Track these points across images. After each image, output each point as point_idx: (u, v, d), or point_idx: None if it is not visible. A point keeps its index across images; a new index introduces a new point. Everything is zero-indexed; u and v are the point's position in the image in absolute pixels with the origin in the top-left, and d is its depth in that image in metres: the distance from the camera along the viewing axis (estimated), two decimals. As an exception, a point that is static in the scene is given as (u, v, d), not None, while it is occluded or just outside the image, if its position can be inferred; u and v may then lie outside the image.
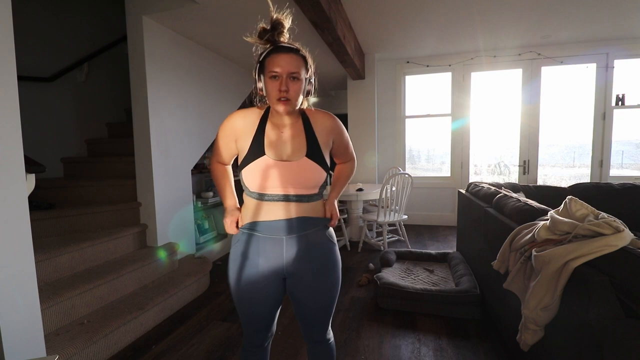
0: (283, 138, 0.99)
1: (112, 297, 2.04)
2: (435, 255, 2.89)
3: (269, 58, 0.93)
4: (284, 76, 0.91)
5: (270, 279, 1.02)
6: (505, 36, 3.73)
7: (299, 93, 0.94)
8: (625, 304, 0.99)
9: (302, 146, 0.98)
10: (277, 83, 0.91)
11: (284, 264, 1.01)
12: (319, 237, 1.04)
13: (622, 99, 4.03)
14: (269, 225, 0.98)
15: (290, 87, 0.91)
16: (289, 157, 0.97)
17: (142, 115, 2.52)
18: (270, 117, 1.01)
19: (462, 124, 4.51)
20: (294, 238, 0.99)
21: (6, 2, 1.19)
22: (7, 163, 1.19)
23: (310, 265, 1.02)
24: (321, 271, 1.04)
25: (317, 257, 1.03)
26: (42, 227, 2.13)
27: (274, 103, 0.94)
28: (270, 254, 1.00)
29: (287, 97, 0.92)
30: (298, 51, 0.94)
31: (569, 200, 1.29)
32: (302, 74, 0.93)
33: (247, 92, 3.99)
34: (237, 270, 1.05)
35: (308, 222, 1.01)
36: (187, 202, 2.95)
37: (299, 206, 0.99)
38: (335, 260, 1.07)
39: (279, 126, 1.00)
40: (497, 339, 1.84)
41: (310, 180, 0.97)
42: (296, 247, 1.00)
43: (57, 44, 3.03)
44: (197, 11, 2.37)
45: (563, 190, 2.88)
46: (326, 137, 1.03)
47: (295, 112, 1.00)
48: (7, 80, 1.20)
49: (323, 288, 1.05)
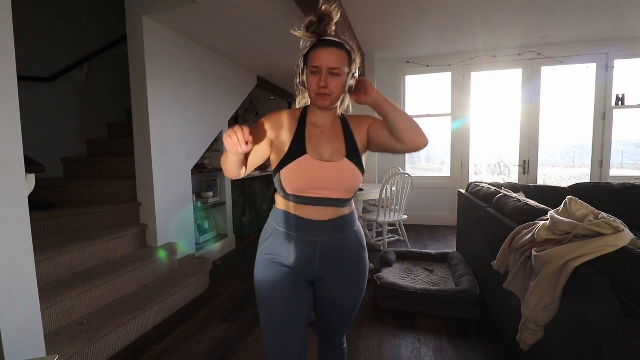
0: (323, 139, 0.96)
1: (112, 297, 2.04)
2: (435, 255, 2.89)
3: (312, 52, 0.90)
4: (324, 71, 0.88)
5: (300, 283, 0.98)
6: (505, 36, 3.73)
7: (339, 89, 0.91)
8: (625, 304, 0.99)
9: (342, 147, 0.96)
10: (316, 78, 0.89)
11: (315, 267, 0.97)
12: (351, 241, 1.01)
13: (622, 99, 4.03)
14: (305, 226, 0.94)
15: (330, 83, 0.89)
16: (330, 157, 0.94)
17: (142, 115, 2.52)
18: (309, 116, 0.99)
19: (462, 124, 4.50)
20: (328, 241, 0.96)
21: (6, 2, 1.19)
22: (7, 163, 1.19)
23: (342, 269, 0.99)
24: (351, 276, 1.01)
25: (349, 262, 1.00)
26: (42, 227, 2.13)
27: (313, 98, 0.92)
28: (303, 256, 0.95)
29: (325, 92, 0.89)
30: (342, 45, 0.90)
31: (569, 200, 1.29)
32: (343, 69, 0.90)
33: (247, 92, 3.99)
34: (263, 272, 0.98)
35: (343, 226, 0.98)
36: (187, 202, 2.95)
37: (335, 210, 0.96)
38: (365, 265, 1.05)
39: (318, 126, 0.98)
40: (497, 339, 1.84)
41: (349, 183, 0.94)
42: (330, 250, 0.97)
43: (57, 44, 3.03)
44: (197, 11, 2.36)
45: (563, 190, 2.88)
46: (362, 135, 0.99)
47: (334, 111, 0.99)
48: (7, 80, 1.20)
49: (351, 294, 1.02)
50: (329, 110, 0.97)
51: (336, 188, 0.93)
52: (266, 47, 3.15)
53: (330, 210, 0.95)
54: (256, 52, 3.33)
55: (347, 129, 0.99)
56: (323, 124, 0.98)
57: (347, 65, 0.90)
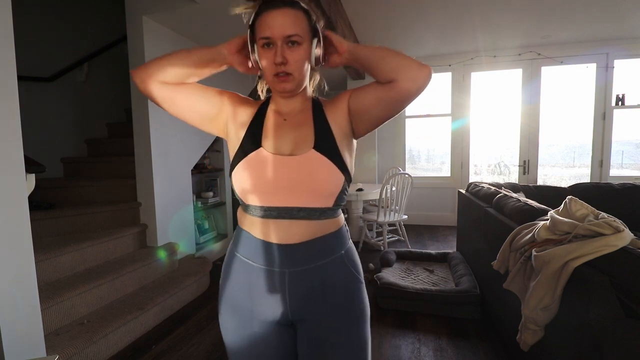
0: (287, 127, 0.74)
1: (112, 297, 2.04)
2: (435, 255, 2.89)
3: (258, 20, 0.68)
4: (279, 42, 0.66)
5: (270, 330, 0.75)
6: (505, 36, 3.73)
7: (302, 63, 0.69)
8: (625, 304, 0.99)
9: (309, 135, 0.72)
10: (270, 53, 0.67)
11: (288, 308, 0.73)
12: (337, 271, 0.74)
13: (622, 99, 4.03)
14: (263, 250, 0.71)
15: (289, 56, 0.67)
16: (292, 150, 0.71)
17: (142, 115, 2.52)
18: (271, 104, 0.79)
19: (462, 124, 4.50)
20: (300, 272, 0.71)
21: (6, 2, 1.19)
22: (7, 163, 1.19)
23: (325, 313, 0.73)
24: (343, 321, 0.74)
25: (336, 301, 0.74)
26: (42, 227, 2.13)
27: (270, 82, 0.71)
28: (267, 294, 0.72)
29: (285, 70, 0.67)
30: (296, 3, 0.68)
31: (569, 200, 1.29)
32: (304, 35, 0.68)
33: (246, 92, 3.99)
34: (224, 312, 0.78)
35: (323, 249, 0.72)
36: (187, 202, 2.95)
37: (306, 225, 0.70)
38: (362, 305, 0.77)
39: (281, 113, 0.77)
40: (497, 339, 1.84)
41: (320, 183, 0.69)
42: (304, 285, 0.72)
43: (57, 44, 3.03)
44: (197, 11, 2.36)
45: (563, 190, 2.88)
46: (340, 116, 0.74)
47: (302, 94, 0.77)
48: (7, 80, 1.20)
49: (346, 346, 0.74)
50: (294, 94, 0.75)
51: (304, 191, 0.69)
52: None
53: (300, 226, 0.70)
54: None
55: (319, 112, 0.75)
56: (287, 110, 0.76)
57: (308, 30, 0.69)
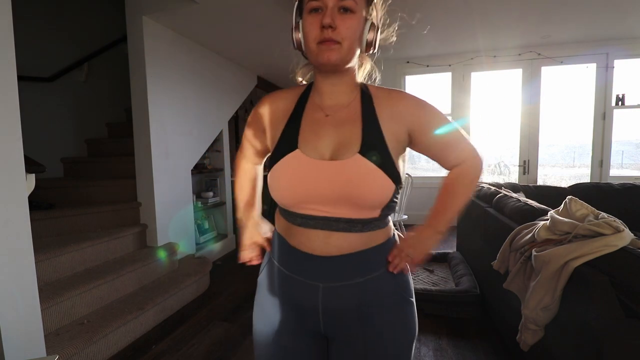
0: (329, 125, 0.64)
1: (112, 297, 2.04)
2: (435, 255, 2.89)
3: None
4: (330, 4, 0.58)
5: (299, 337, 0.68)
6: (505, 36, 3.73)
7: (353, 34, 0.59)
8: (625, 304, 0.99)
9: (355, 137, 0.62)
10: (318, 17, 0.58)
11: (320, 324, 0.66)
12: (382, 289, 0.65)
13: (622, 99, 4.02)
14: (298, 259, 0.65)
15: (340, 22, 0.58)
16: (334, 154, 0.62)
17: (142, 115, 2.52)
18: (312, 94, 0.68)
19: (462, 124, 4.49)
20: (336, 288, 0.63)
21: (6, 2, 1.19)
22: (7, 163, 1.19)
23: (366, 331, 0.64)
24: (385, 347, 0.64)
25: (380, 323, 0.64)
26: (42, 227, 2.13)
27: (313, 51, 0.60)
28: (299, 304, 0.66)
29: (332, 36, 0.57)
30: None
31: (569, 200, 1.29)
32: (360, 6, 0.60)
33: (247, 92, 3.99)
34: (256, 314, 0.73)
35: (363, 264, 0.64)
36: (187, 202, 2.95)
37: (346, 238, 0.62)
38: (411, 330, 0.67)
39: (323, 107, 0.66)
40: (497, 339, 1.84)
41: (365, 193, 0.60)
42: (342, 302, 0.63)
43: (57, 44, 3.03)
44: (197, 11, 2.36)
45: (563, 190, 2.88)
46: (397, 126, 0.64)
47: (349, 79, 0.66)
48: (7, 80, 1.20)
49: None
50: (339, 75, 0.65)
51: (345, 202, 0.60)
52: (266, 47, 3.15)
53: (339, 239, 0.62)
54: (256, 52, 3.33)
55: (369, 109, 0.64)
56: (330, 103, 0.66)
57: (364, 3, 0.61)
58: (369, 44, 0.64)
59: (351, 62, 0.64)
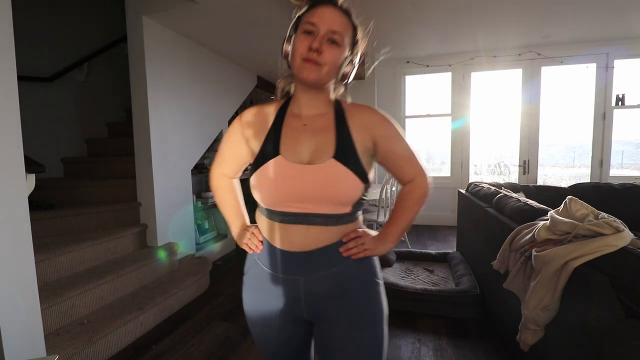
0: (306, 133, 0.74)
1: (112, 297, 2.04)
2: (435, 255, 2.89)
3: (309, 11, 0.70)
4: (322, 32, 0.67)
5: (287, 327, 0.79)
6: (505, 36, 3.73)
7: (334, 63, 0.69)
8: (626, 304, 0.99)
9: (330, 144, 0.72)
10: (309, 39, 0.67)
11: (304, 311, 0.76)
12: (354, 274, 0.75)
13: (622, 99, 4.03)
14: (280, 259, 0.74)
15: (325, 50, 0.67)
16: (312, 158, 0.71)
17: (142, 115, 2.52)
18: (291, 105, 0.77)
19: (462, 124, 4.50)
20: (316, 279, 0.73)
21: (6, 2, 1.19)
22: (7, 163, 1.19)
23: (342, 311, 0.74)
24: (358, 321, 0.74)
25: (352, 303, 0.74)
26: (42, 227, 2.13)
27: (297, 66, 0.69)
28: (283, 297, 0.76)
29: (317, 59, 0.67)
30: (349, 14, 0.71)
31: (569, 200, 1.29)
32: (345, 40, 0.69)
33: (247, 92, 3.99)
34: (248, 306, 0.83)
35: (334, 255, 0.73)
36: (187, 202, 2.95)
37: (322, 232, 0.72)
38: (380, 306, 0.77)
39: (301, 117, 0.75)
40: (497, 339, 1.84)
41: (339, 191, 0.70)
42: (320, 290, 0.74)
43: (57, 44, 3.03)
44: (197, 11, 2.37)
45: (563, 190, 2.88)
46: (364, 135, 0.74)
47: (325, 97, 0.76)
48: (7, 80, 1.20)
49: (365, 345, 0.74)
50: (315, 91, 0.74)
51: (321, 200, 0.70)
52: (266, 47, 3.15)
53: (315, 232, 0.71)
54: (256, 52, 3.33)
55: (342, 121, 0.74)
56: (308, 113, 0.75)
57: (349, 41, 0.71)
58: (344, 75, 0.75)
59: (328, 83, 0.74)
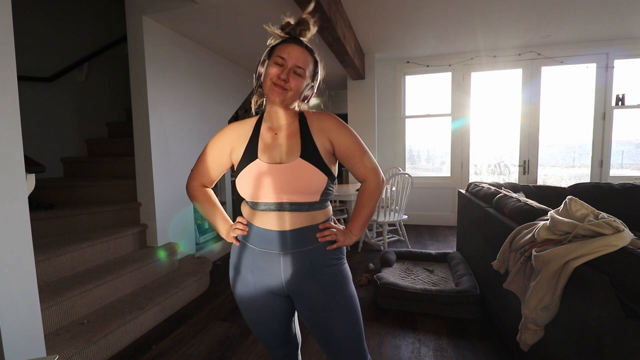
0: (278, 140, 0.92)
1: (112, 297, 2.04)
2: (435, 255, 2.89)
3: (281, 45, 0.89)
4: (289, 66, 0.87)
5: (268, 298, 0.93)
6: (505, 36, 3.73)
7: (297, 89, 0.89)
8: (625, 304, 0.99)
9: (297, 146, 0.90)
10: (278, 69, 0.87)
11: (283, 284, 0.91)
12: (324, 254, 0.91)
13: (622, 99, 4.03)
14: (262, 236, 0.90)
15: (291, 79, 0.87)
16: (282, 158, 0.89)
17: (142, 115, 2.52)
18: (264, 121, 0.96)
19: (462, 124, 4.50)
20: (291, 254, 0.89)
21: (6, 2, 1.19)
22: (7, 163, 1.19)
23: (314, 281, 0.90)
24: (330, 287, 0.91)
25: (323, 278, 0.91)
26: (42, 227, 2.13)
27: (268, 88, 0.88)
28: (265, 271, 0.90)
29: (284, 85, 0.86)
30: (313, 52, 0.93)
31: (569, 200, 1.29)
32: (306, 73, 0.90)
33: (247, 92, 3.99)
34: (233, 285, 0.98)
35: (307, 236, 0.90)
36: (187, 202, 2.95)
37: (296, 216, 0.88)
38: (345, 274, 0.95)
39: (273, 129, 0.94)
40: (497, 339, 1.84)
41: (306, 184, 0.87)
42: (295, 265, 0.89)
43: (57, 44, 3.03)
44: (197, 11, 2.37)
45: (563, 190, 2.88)
46: (323, 137, 0.92)
47: (291, 112, 0.95)
48: (7, 80, 1.20)
49: (339, 306, 0.91)
50: (283, 108, 0.92)
51: (293, 191, 0.87)
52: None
53: (289, 217, 0.88)
54: (256, 52, 3.32)
55: (305, 127, 0.93)
56: (277, 124, 0.93)
57: (310, 72, 0.92)
58: (305, 97, 0.96)
59: (291, 104, 0.93)
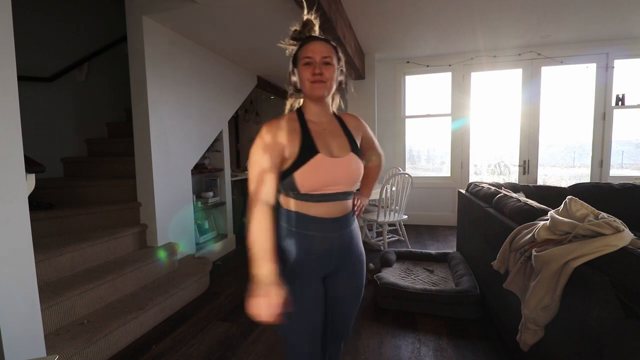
0: (328, 136, 0.99)
1: (112, 297, 2.04)
2: (435, 255, 2.89)
3: (302, 48, 0.96)
4: (318, 60, 0.93)
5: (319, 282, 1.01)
6: (505, 36, 3.73)
7: (333, 78, 0.95)
8: (625, 304, 0.99)
9: (346, 142, 1.00)
10: (310, 68, 0.93)
11: (332, 262, 1.01)
12: (355, 233, 1.07)
13: (622, 99, 4.02)
14: (323, 224, 0.97)
15: (324, 71, 0.93)
16: (338, 153, 0.97)
17: (142, 115, 2.52)
18: (307, 115, 1.00)
19: (462, 124, 4.50)
20: (342, 236, 1.01)
21: (6, 3, 1.19)
22: (7, 163, 1.20)
23: (351, 263, 1.05)
24: (356, 270, 1.07)
25: (356, 255, 1.06)
26: (42, 227, 2.13)
27: (308, 88, 0.94)
28: (322, 253, 0.99)
29: (321, 79, 0.92)
30: (329, 41, 0.98)
31: (569, 200, 1.29)
32: (334, 60, 0.96)
33: (247, 92, 3.99)
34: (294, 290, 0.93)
35: (349, 220, 1.04)
36: (187, 202, 2.95)
37: (345, 203, 1.01)
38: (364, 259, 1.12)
39: (317, 123, 1.00)
40: (497, 339, 1.84)
41: (357, 175, 1.00)
42: (344, 244, 1.02)
43: (57, 44, 3.03)
44: (197, 11, 2.37)
45: (563, 190, 2.88)
46: (357, 134, 1.07)
47: (328, 107, 1.03)
48: (7, 80, 1.20)
49: (357, 283, 1.08)
50: (323, 105, 1.00)
51: (346, 182, 0.98)
52: (266, 47, 3.15)
53: (340, 205, 0.99)
54: (256, 52, 3.33)
55: (345, 127, 1.04)
56: (320, 121, 1.00)
57: (336, 59, 0.97)
58: (340, 83, 1.02)
59: (330, 94, 1.00)
